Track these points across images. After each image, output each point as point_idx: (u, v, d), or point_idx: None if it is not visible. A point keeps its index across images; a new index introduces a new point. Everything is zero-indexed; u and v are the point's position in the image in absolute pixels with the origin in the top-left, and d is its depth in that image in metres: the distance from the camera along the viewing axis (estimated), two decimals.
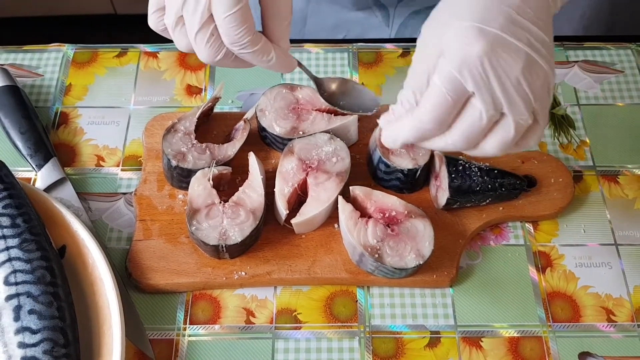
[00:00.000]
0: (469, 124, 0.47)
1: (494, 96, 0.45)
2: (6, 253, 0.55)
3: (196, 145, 0.64)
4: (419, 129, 0.48)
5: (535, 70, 0.45)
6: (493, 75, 0.44)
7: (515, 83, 0.45)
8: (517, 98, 0.45)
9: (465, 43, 0.45)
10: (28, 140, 0.67)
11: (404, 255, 0.58)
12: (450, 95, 0.45)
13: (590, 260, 0.64)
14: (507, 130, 0.47)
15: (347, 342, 0.59)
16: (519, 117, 0.46)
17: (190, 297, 0.62)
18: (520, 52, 0.45)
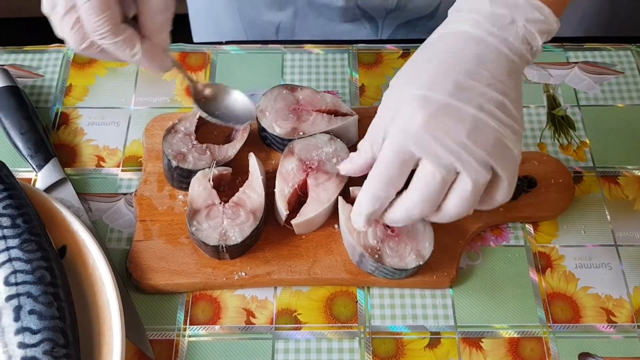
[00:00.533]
0: (424, 183, 0.48)
1: (441, 158, 0.47)
2: (6, 253, 0.55)
3: (196, 146, 0.64)
4: (374, 192, 0.50)
5: (483, 130, 0.47)
6: (435, 141, 0.46)
7: (461, 145, 0.46)
8: (467, 157, 0.47)
9: (410, 113, 0.47)
10: (28, 140, 0.67)
11: (404, 256, 0.58)
12: (398, 159, 0.48)
13: (590, 261, 0.64)
14: (464, 186, 0.48)
15: (347, 342, 0.59)
16: (473, 173, 0.47)
17: (190, 297, 0.62)
18: (465, 116, 0.47)
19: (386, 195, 0.50)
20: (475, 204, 0.49)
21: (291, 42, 0.78)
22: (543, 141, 0.71)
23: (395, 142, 0.48)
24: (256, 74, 0.75)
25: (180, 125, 0.65)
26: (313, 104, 0.66)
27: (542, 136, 0.71)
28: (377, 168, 0.50)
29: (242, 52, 0.77)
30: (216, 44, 0.78)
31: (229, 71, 0.76)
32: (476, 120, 0.47)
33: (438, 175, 0.47)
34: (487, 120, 0.47)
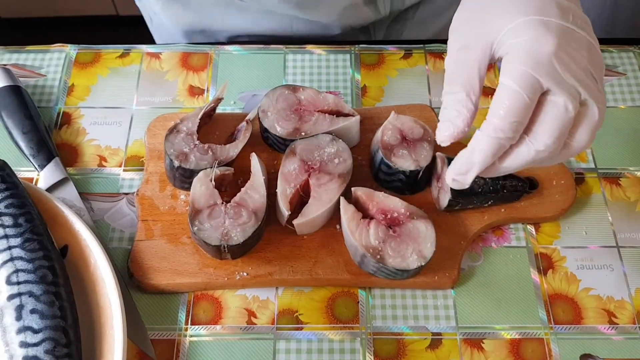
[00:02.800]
0: (556, 117, 0.44)
1: (572, 89, 0.43)
2: (8, 252, 0.55)
3: (198, 146, 0.64)
4: (497, 142, 0.45)
5: (594, 53, 0.45)
6: (566, 70, 0.43)
7: (586, 71, 0.44)
8: (593, 84, 0.44)
9: (535, 39, 0.43)
10: (30, 140, 0.67)
11: (405, 257, 0.58)
12: (527, 96, 0.43)
13: (592, 262, 0.64)
14: (593, 114, 0.45)
15: (349, 343, 0.59)
16: (599, 100, 0.45)
17: (191, 297, 0.62)
18: (582, 40, 0.44)
19: (511, 137, 0.44)
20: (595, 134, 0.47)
21: (293, 43, 0.78)
22: None
23: (521, 72, 0.43)
24: (258, 75, 0.75)
25: (183, 125, 0.65)
26: (315, 104, 0.66)
27: None
28: (499, 105, 0.44)
29: (245, 53, 0.77)
30: (218, 44, 0.78)
31: (231, 71, 0.76)
32: (589, 43, 0.45)
33: (571, 107, 0.43)
34: (593, 43, 0.45)
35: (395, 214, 0.60)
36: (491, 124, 0.44)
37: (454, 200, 0.62)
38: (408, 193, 0.65)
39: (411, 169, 0.62)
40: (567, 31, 0.44)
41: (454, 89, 0.47)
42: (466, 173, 0.48)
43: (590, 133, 0.46)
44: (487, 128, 0.45)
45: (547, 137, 0.45)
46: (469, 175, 0.48)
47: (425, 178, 0.64)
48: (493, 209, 0.64)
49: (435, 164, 0.64)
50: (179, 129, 0.65)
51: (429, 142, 0.64)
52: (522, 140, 0.45)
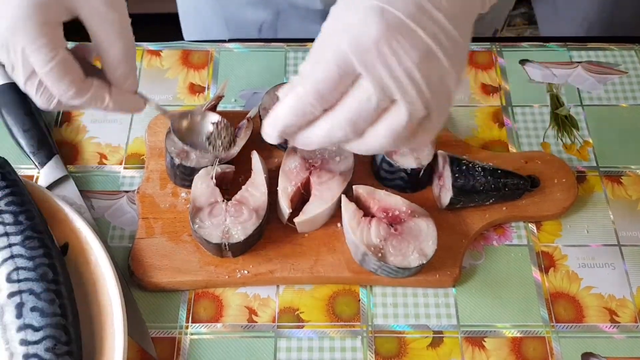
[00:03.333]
0: (357, 102, 0.44)
1: (383, 81, 0.42)
2: (9, 250, 0.55)
3: None
4: (300, 102, 0.45)
5: (433, 63, 0.43)
6: (385, 60, 0.42)
7: (408, 71, 0.42)
8: (410, 86, 0.42)
9: (364, 23, 0.42)
10: (31, 137, 0.67)
11: (407, 255, 0.58)
12: (337, 71, 0.43)
13: (594, 260, 0.64)
14: (399, 117, 0.44)
15: (350, 341, 0.59)
16: (412, 105, 0.43)
17: (192, 295, 0.61)
18: (419, 42, 0.42)
19: (311, 111, 0.45)
20: (405, 139, 0.45)
21: (294, 41, 0.78)
22: (546, 141, 0.71)
23: (338, 51, 0.43)
24: (259, 72, 0.75)
25: None
26: None
27: (546, 136, 0.71)
28: (310, 77, 0.44)
29: (245, 50, 0.77)
30: (219, 42, 0.78)
31: (232, 69, 0.76)
32: (428, 49, 0.43)
33: (374, 98, 0.43)
34: (437, 53, 0.43)
35: (396, 212, 0.60)
36: (302, 87, 0.44)
37: (456, 199, 0.62)
38: (409, 191, 0.65)
39: (412, 167, 0.62)
40: (405, 27, 0.42)
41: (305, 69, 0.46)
42: (272, 126, 0.47)
43: (390, 134, 0.44)
44: (297, 90, 0.45)
45: (342, 117, 0.44)
46: (274, 129, 0.47)
47: (426, 176, 0.64)
48: (494, 207, 0.64)
49: (436, 162, 0.64)
50: None
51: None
52: (324, 114, 0.45)
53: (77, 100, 0.49)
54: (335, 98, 0.44)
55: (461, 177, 0.61)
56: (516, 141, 0.71)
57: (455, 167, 0.61)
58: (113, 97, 0.50)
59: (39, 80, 0.48)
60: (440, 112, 0.45)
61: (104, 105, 0.50)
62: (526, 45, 0.78)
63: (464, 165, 0.62)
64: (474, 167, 0.62)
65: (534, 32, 1.82)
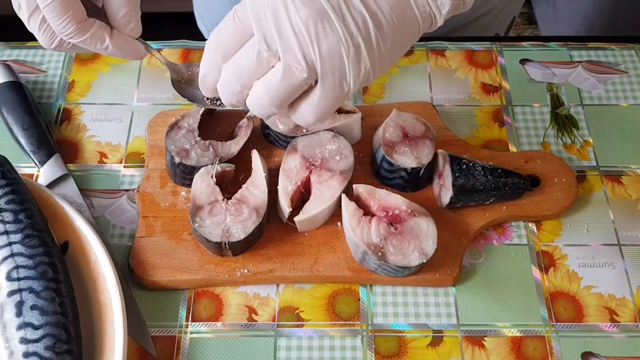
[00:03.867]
0: (242, 55, 0.44)
1: (267, 30, 0.42)
2: (9, 248, 0.55)
3: (199, 143, 0.64)
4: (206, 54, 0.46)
5: (326, 27, 0.42)
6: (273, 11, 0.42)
7: (296, 27, 0.41)
8: (293, 41, 0.42)
9: None
10: (31, 136, 0.67)
11: (407, 254, 0.58)
12: (235, 20, 0.44)
13: (594, 260, 0.64)
14: (275, 71, 0.43)
15: (350, 340, 0.59)
16: (291, 61, 0.42)
17: (192, 294, 0.61)
18: (314, 2, 0.42)
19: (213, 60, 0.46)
20: (282, 98, 0.44)
21: None
22: (546, 140, 0.71)
23: (240, 4, 0.44)
24: None
25: (184, 122, 0.65)
26: None
27: (546, 135, 0.71)
28: (215, 29, 0.46)
29: None
30: None
31: None
32: (324, 13, 0.42)
33: (256, 48, 0.43)
34: (334, 21, 0.42)
35: (396, 211, 0.60)
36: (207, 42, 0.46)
37: (456, 198, 0.62)
38: (409, 190, 0.65)
39: (413, 166, 0.62)
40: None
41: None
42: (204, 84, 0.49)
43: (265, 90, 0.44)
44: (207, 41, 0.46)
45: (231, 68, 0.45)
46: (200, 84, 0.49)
47: (426, 175, 0.64)
48: (495, 206, 0.64)
49: (436, 161, 0.64)
50: (180, 125, 0.64)
51: (431, 140, 0.64)
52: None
53: (77, 38, 0.50)
54: (234, 51, 0.45)
55: (461, 177, 0.61)
56: (516, 140, 0.71)
57: (455, 167, 0.61)
58: (114, 40, 0.52)
59: (42, 16, 0.49)
60: (327, 84, 0.43)
61: (104, 47, 0.51)
62: (526, 44, 0.78)
63: (464, 165, 0.62)
64: (474, 167, 0.62)
65: (534, 31, 1.82)
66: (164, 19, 1.29)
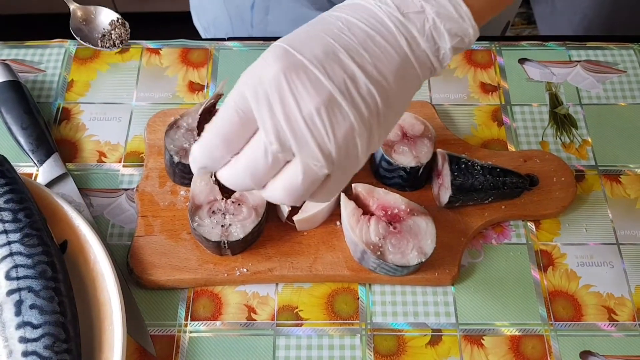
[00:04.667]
0: (251, 151, 0.40)
1: (278, 127, 0.39)
2: (8, 248, 0.55)
3: None
4: (206, 146, 0.42)
5: (337, 114, 0.39)
6: (280, 103, 0.39)
7: (308, 119, 0.39)
8: (308, 136, 0.39)
9: (264, 61, 0.40)
10: (30, 135, 0.67)
11: (406, 253, 0.58)
12: (237, 115, 0.40)
13: (592, 259, 0.64)
14: (294, 173, 0.40)
15: (349, 339, 0.59)
16: (310, 160, 0.39)
17: (191, 293, 0.61)
18: (321, 89, 0.39)
19: (219, 155, 0.41)
20: (305, 197, 0.42)
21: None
22: (545, 139, 0.71)
23: (238, 93, 0.40)
24: None
25: (183, 121, 0.65)
26: None
27: (544, 134, 0.71)
28: (215, 119, 0.41)
29: (245, 49, 0.77)
30: (218, 40, 0.78)
31: (231, 68, 0.76)
32: (332, 99, 0.39)
33: (269, 150, 0.39)
34: (343, 105, 0.39)
35: (395, 211, 0.60)
36: (206, 134, 0.42)
37: (454, 197, 0.62)
38: (408, 189, 0.65)
39: (412, 166, 0.62)
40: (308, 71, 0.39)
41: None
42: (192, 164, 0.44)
43: (285, 189, 0.41)
44: (203, 137, 0.42)
45: (240, 167, 0.41)
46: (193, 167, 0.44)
47: (425, 174, 0.64)
48: (493, 205, 0.64)
49: (435, 160, 0.64)
50: (179, 124, 0.64)
51: (430, 139, 0.64)
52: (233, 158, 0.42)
53: None
54: (242, 143, 0.41)
55: (460, 176, 0.61)
56: (515, 140, 0.71)
57: (454, 166, 0.61)
58: None
59: None
60: (343, 172, 0.42)
61: None
62: (525, 44, 0.78)
63: (463, 164, 0.62)
64: (473, 166, 0.62)
65: (533, 31, 1.82)
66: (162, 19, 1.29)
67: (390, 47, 0.42)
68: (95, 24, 0.60)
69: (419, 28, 0.42)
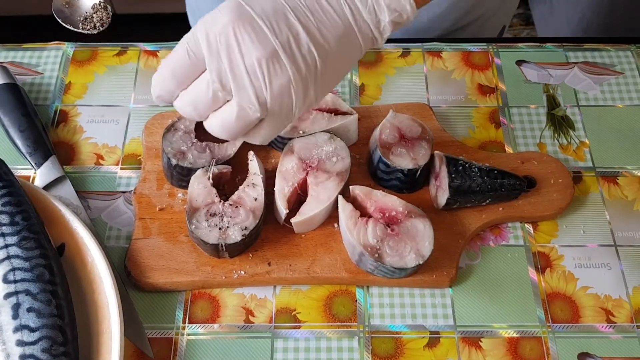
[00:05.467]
0: (196, 90, 0.47)
1: (221, 70, 0.45)
2: (5, 251, 0.55)
3: (196, 144, 0.64)
4: (159, 78, 0.49)
5: (276, 67, 0.45)
6: (226, 49, 0.44)
7: (249, 67, 0.44)
8: (247, 82, 0.45)
9: (217, 12, 0.45)
10: (27, 138, 0.67)
11: (403, 255, 0.58)
12: (189, 53, 0.46)
13: (590, 261, 0.64)
14: (229, 111, 0.47)
15: (347, 341, 0.59)
16: (246, 103, 0.45)
17: (189, 296, 0.61)
18: (266, 42, 0.44)
19: (169, 87, 0.48)
20: (238, 133, 0.48)
21: None
22: (543, 141, 0.71)
23: (191, 34, 0.46)
24: None
25: (180, 124, 0.65)
26: None
27: (542, 136, 0.71)
28: (169, 55, 0.48)
29: None
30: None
31: None
32: (274, 53, 0.44)
33: (210, 87, 0.46)
34: (284, 60, 0.45)
35: (393, 213, 0.60)
36: (160, 67, 0.49)
37: (452, 199, 0.62)
38: (406, 191, 0.65)
39: (409, 168, 0.62)
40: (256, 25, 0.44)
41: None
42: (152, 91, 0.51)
43: (220, 124, 0.48)
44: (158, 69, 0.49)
45: (186, 98, 0.48)
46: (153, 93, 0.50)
47: (423, 177, 0.64)
48: (491, 207, 0.64)
49: (433, 162, 0.64)
50: (177, 127, 0.64)
51: (427, 141, 0.64)
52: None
53: None
54: (189, 80, 0.47)
55: (458, 178, 0.61)
56: (512, 142, 0.71)
57: (451, 168, 0.61)
58: None
59: None
60: (276, 120, 0.47)
61: None
62: (522, 45, 0.79)
63: (460, 166, 0.62)
64: (471, 168, 0.62)
65: (531, 32, 1.83)
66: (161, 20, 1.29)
67: (335, 14, 0.46)
68: (77, 6, 0.61)
69: (362, 1, 0.46)
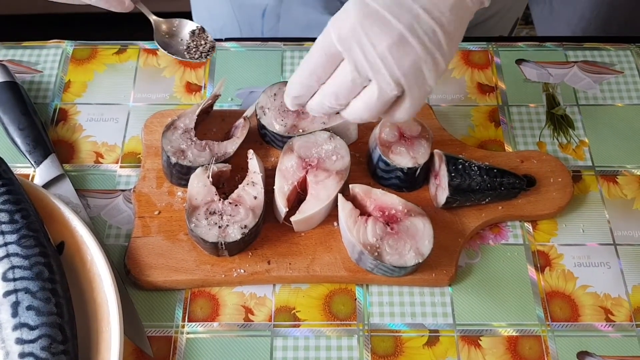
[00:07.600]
0: (338, 79, 0.52)
1: (357, 60, 0.50)
2: (4, 249, 0.55)
3: (196, 143, 0.64)
4: (299, 77, 0.54)
5: (406, 48, 0.50)
6: (358, 45, 0.50)
7: (380, 54, 0.49)
8: (382, 67, 0.50)
9: (345, 12, 0.51)
10: (27, 136, 0.67)
11: (403, 254, 0.58)
12: (324, 54, 0.51)
13: (589, 259, 0.64)
14: (371, 93, 0.51)
15: (346, 340, 0.59)
16: (383, 84, 0.50)
17: (188, 294, 0.61)
18: (392, 29, 0.49)
19: (309, 84, 0.54)
20: (379, 112, 0.53)
21: (291, 40, 0.78)
22: (542, 140, 0.71)
23: (324, 36, 0.51)
24: (256, 71, 0.75)
25: (180, 122, 0.65)
26: None
27: (542, 135, 0.71)
28: (306, 57, 0.54)
29: (242, 50, 0.77)
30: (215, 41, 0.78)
31: (229, 68, 0.76)
32: (401, 37, 0.49)
33: (350, 76, 0.51)
34: (410, 41, 0.49)
35: (393, 211, 0.60)
36: (298, 69, 0.54)
37: (452, 198, 0.62)
38: (406, 190, 0.65)
39: (409, 166, 0.62)
40: (380, 16, 0.49)
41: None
42: (286, 97, 0.57)
43: (364, 107, 0.53)
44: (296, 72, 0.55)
45: (328, 90, 0.53)
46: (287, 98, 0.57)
47: (423, 175, 0.64)
48: (490, 206, 0.64)
49: (433, 161, 0.64)
50: (176, 125, 0.64)
51: (427, 140, 0.64)
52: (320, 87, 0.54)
53: None
54: (327, 75, 0.53)
55: (457, 176, 0.61)
56: (512, 140, 0.71)
57: (451, 166, 0.61)
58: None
59: None
60: (414, 94, 0.51)
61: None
62: (522, 45, 0.79)
63: (460, 165, 0.62)
64: (470, 167, 0.62)
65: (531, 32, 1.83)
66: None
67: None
68: (178, 35, 0.64)
69: None
